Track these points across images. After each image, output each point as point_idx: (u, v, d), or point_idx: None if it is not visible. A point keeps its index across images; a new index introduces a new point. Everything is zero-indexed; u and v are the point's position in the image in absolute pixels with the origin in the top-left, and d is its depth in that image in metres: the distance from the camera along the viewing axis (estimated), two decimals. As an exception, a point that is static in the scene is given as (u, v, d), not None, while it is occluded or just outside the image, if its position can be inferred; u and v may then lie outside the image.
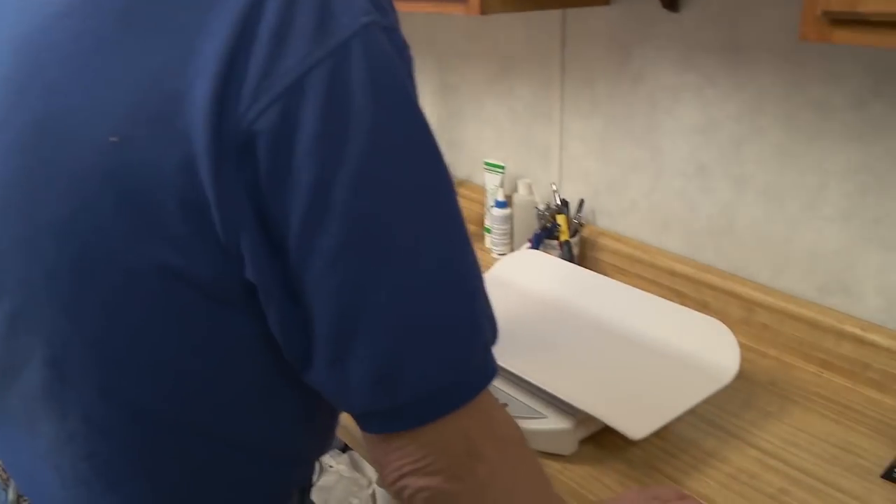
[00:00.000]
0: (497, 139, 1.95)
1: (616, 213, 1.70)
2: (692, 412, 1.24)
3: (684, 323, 1.30)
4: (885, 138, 1.24)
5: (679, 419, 1.21)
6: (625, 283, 1.53)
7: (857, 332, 1.30)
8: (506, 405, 1.18)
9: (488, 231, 1.84)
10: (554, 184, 1.73)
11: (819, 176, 1.33)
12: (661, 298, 1.37)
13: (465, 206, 2.00)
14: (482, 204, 1.91)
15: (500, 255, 1.79)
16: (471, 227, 1.87)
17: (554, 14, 1.69)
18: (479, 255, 1.78)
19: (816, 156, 1.32)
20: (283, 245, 0.63)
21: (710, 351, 1.25)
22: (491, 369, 0.71)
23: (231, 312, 0.67)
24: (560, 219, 1.65)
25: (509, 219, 1.80)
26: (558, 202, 1.69)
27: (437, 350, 0.66)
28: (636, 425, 1.09)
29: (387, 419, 0.68)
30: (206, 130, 0.59)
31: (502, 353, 1.22)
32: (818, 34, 0.90)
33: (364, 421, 0.70)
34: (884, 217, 1.27)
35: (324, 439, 0.87)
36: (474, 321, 0.69)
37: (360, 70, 0.61)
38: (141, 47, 0.62)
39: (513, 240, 1.82)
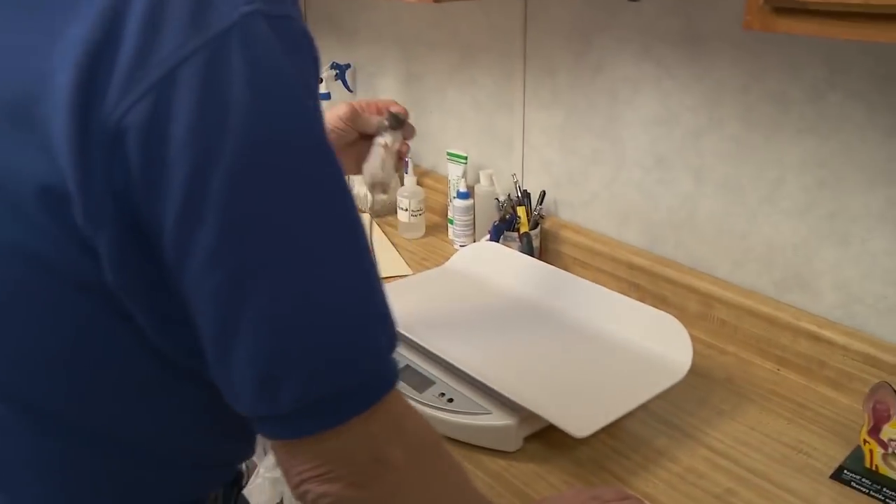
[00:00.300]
0: (460, 129, 1.93)
1: (577, 205, 1.67)
2: (645, 409, 1.22)
3: (638, 318, 1.29)
4: (840, 132, 1.21)
5: (631, 416, 1.19)
6: (585, 276, 1.53)
7: (813, 328, 1.28)
8: (451, 400, 1.16)
9: (451, 222, 1.81)
10: (515, 175, 1.70)
11: (777, 169, 1.31)
12: (616, 293, 1.35)
13: (430, 196, 1.98)
14: (446, 195, 1.88)
15: (461, 246, 1.77)
16: (435, 218, 1.86)
17: (515, 1, 1.66)
18: (442, 246, 1.79)
19: (774, 149, 1.30)
20: (158, 244, 0.60)
21: (663, 347, 1.23)
22: (389, 377, 0.69)
23: (107, 306, 0.64)
24: (520, 210, 1.62)
25: (471, 210, 1.77)
26: (519, 193, 1.65)
27: (321, 357, 0.63)
28: (581, 423, 1.07)
29: (278, 425, 0.66)
30: (69, 122, 0.56)
31: (449, 346, 1.25)
32: (761, 23, 0.88)
33: (258, 424, 0.67)
34: (839, 212, 1.24)
35: (239, 442, 0.84)
36: (364, 327, 0.66)
37: (239, 62, 0.58)
38: (18, 25, 0.60)
39: (475, 231, 1.79)
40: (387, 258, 1.76)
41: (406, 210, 1.86)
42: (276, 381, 0.63)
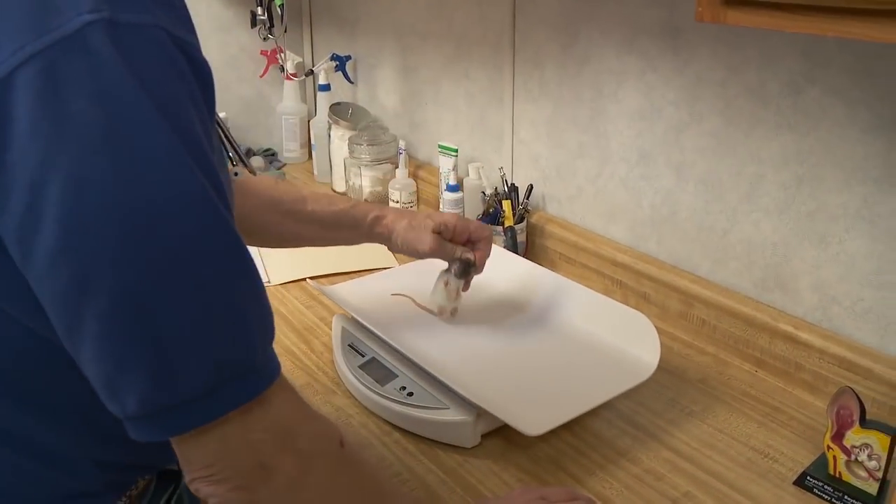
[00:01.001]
0: (454, 122, 1.90)
1: (564, 200, 1.65)
2: (612, 408, 1.19)
3: (609, 317, 1.26)
4: (819, 128, 1.18)
5: (596, 415, 1.17)
6: (570, 272, 1.52)
7: (790, 330, 1.24)
8: (411, 394, 1.14)
9: None
10: (502, 168, 1.67)
11: (756, 165, 1.27)
12: (589, 290, 1.32)
13: (424, 189, 1.96)
14: (439, 187, 1.86)
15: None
16: (429, 210, 1.84)
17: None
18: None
19: (753, 144, 1.26)
20: (2, 244, 0.60)
21: (631, 347, 1.21)
22: (252, 384, 0.67)
23: None
24: (505, 204, 1.59)
25: (461, 203, 1.75)
26: (505, 187, 1.63)
27: (159, 363, 0.62)
28: (536, 421, 1.04)
29: (132, 426, 0.65)
30: None
31: (414, 340, 1.24)
32: (712, 15, 0.86)
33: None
34: (817, 210, 1.21)
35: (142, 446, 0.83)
36: (216, 332, 0.64)
37: (77, 71, 0.56)
38: None
39: None
40: (374, 250, 1.73)
41: (397, 202, 1.84)
42: (118, 385, 0.62)
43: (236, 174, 0.77)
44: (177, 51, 0.62)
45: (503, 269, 1.42)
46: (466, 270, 1.26)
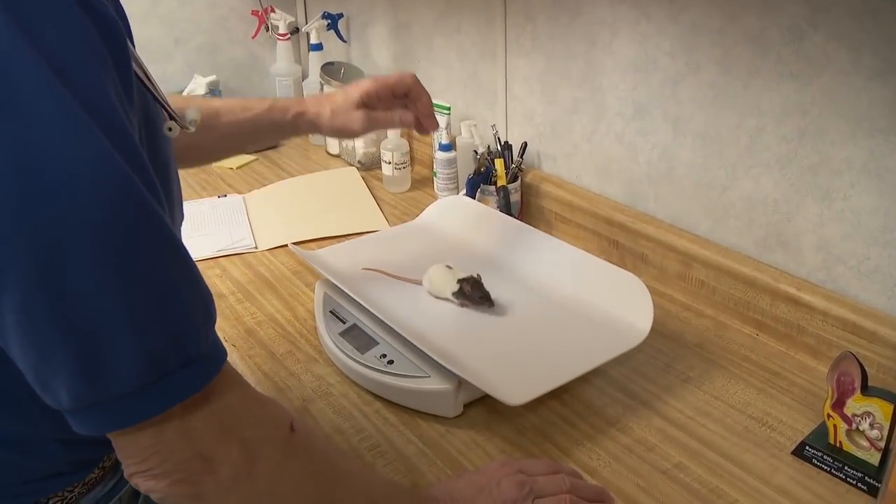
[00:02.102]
0: (447, 79, 1.84)
1: (559, 157, 1.58)
2: (603, 375, 1.14)
3: (600, 279, 1.20)
4: (821, 76, 1.10)
5: (586, 383, 1.12)
6: (566, 232, 1.48)
7: (792, 291, 1.18)
8: (392, 362, 1.10)
9: (436, 175, 1.72)
10: (494, 125, 1.60)
11: (756, 118, 1.20)
12: (581, 251, 1.26)
13: (417, 149, 1.90)
14: (433, 147, 1.79)
15: (445, 201, 1.69)
16: (424, 172, 1.81)
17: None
18: (428, 200, 1.71)
19: (753, 95, 1.19)
20: None
21: (623, 309, 1.15)
22: (194, 376, 0.62)
23: None
24: (497, 163, 1.53)
25: (454, 162, 1.69)
26: (498, 145, 1.56)
27: (87, 359, 0.57)
28: (518, 390, 0.99)
29: (77, 418, 0.60)
30: None
31: (396, 306, 1.20)
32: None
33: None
34: (821, 164, 1.13)
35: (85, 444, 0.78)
36: (145, 319, 0.58)
37: None
38: None
39: (459, 184, 1.71)
40: (365, 213, 1.69)
41: (389, 163, 1.78)
42: (46, 378, 0.58)
43: (170, 129, 0.70)
44: (81, 11, 0.56)
45: (491, 231, 1.38)
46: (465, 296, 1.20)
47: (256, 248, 1.56)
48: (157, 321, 0.59)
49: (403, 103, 1.19)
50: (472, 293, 1.16)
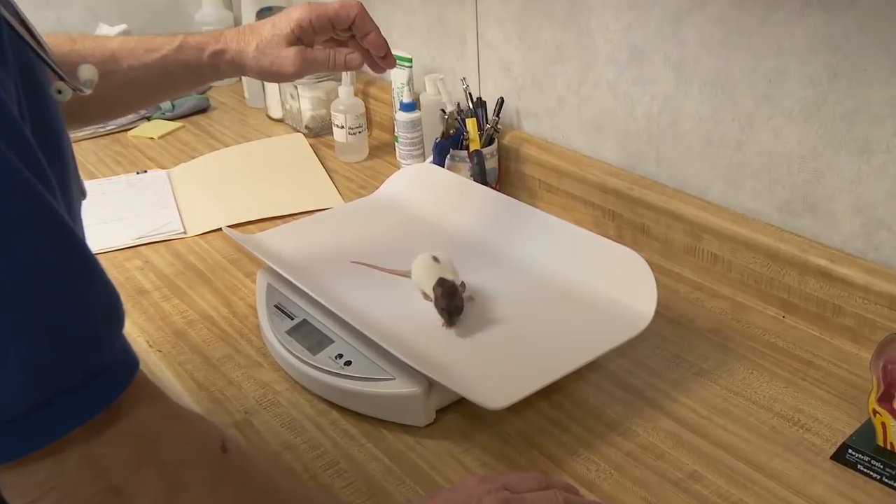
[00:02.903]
0: (407, 25, 1.82)
1: (542, 115, 1.57)
2: (601, 369, 1.13)
3: (594, 256, 1.20)
4: (856, 4, 1.07)
5: (581, 379, 1.12)
6: (552, 202, 1.49)
7: (825, 263, 1.16)
8: (349, 363, 1.09)
9: (397, 140, 1.72)
10: (464, 79, 1.58)
11: (776, 58, 1.18)
12: (570, 224, 1.27)
13: (375, 110, 1.89)
14: (392, 107, 1.79)
15: (410, 170, 1.67)
16: (383, 137, 1.82)
17: None
18: (389, 170, 1.68)
19: (772, 31, 1.17)
20: None
21: (622, 292, 1.15)
22: (98, 392, 0.60)
23: None
24: (469, 123, 1.51)
25: (418, 124, 1.68)
26: (470, 102, 1.55)
27: None
28: (500, 391, 0.99)
29: None
30: None
31: (354, 297, 1.19)
32: None
33: None
34: (858, 110, 1.11)
35: None
36: (27, 325, 0.55)
37: None
38: None
39: (425, 150, 1.71)
40: (314, 187, 1.68)
41: (342, 127, 1.76)
42: None
43: (59, 92, 0.67)
44: None
45: (464, 204, 1.37)
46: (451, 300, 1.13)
47: (185, 233, 1.54)
48: (45, 328, 0.56)
49: (348, 38, 1.15)
50: (440, 301, 1.12)
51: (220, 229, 1.51)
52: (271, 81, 1.12)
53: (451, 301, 1.11)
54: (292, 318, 1.17)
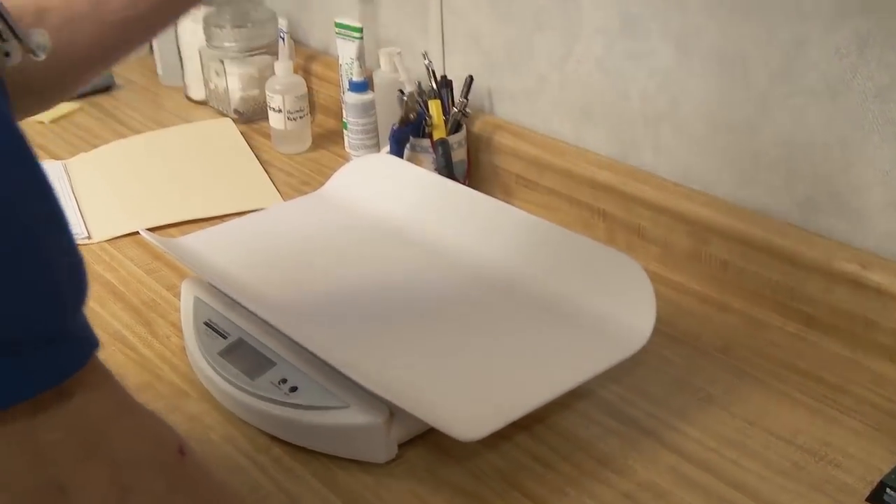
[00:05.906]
0: (357, -11, 1.84)
1: (519, 96, 1.60)
2: (588, 396, 1.15)
3: (583, 262, 1.23)
4: (887, -40, 1.12)
5: (567, 407, 1.14)
6: (531, 201, 1.52)
7: (855, 269, 1.19)
8: (294, 389, 1.10)
9: (346, 127, 1.74)
10: (426, 53, 1.60)
11: (795, 25, 1.21)
12: (553, 225, 1.29)
13: (319, 90, 1.92)
14: (340, 87, 1.81)
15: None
16: (329, 123, 1.86)
17: None
18: (336, 163, 1.71)
19: (789, -4, 1.21)
20: None
21: (615, 304, 1.17)
22: (50, 365, 0.60)
23: None
24: (433, 106, 1.53)
25: (371, 108, 1.70)
26: (433, 82, 1.58)
27: None
28: (474, 420, 1.00)
29: None
30: None
31: (300, 312, 1.20)
32: None
33: None
34: (894, 86, 1.14)
35: None
36: None
37: None
38: None
39: (380, 139, 1.73)
40: (247, 183, 1.69)
41: (280, 112, 1.78)
42: None
43: (7, 54, 0.69)
44: None
45: (427, 202, 1.39)
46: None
47: (90, 238, 1.55)
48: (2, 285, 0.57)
49: None
50: None
51: (133, 234, 1.53)
52: None
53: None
54: (225, 338, 1.19)
